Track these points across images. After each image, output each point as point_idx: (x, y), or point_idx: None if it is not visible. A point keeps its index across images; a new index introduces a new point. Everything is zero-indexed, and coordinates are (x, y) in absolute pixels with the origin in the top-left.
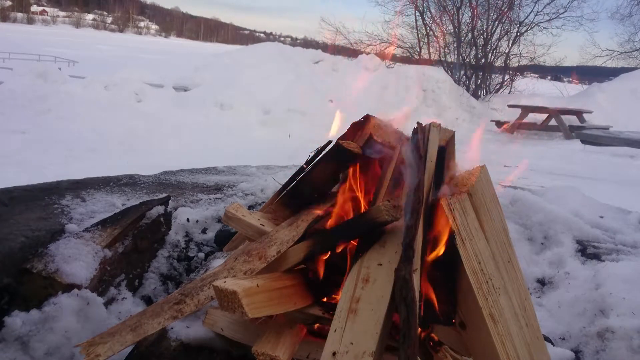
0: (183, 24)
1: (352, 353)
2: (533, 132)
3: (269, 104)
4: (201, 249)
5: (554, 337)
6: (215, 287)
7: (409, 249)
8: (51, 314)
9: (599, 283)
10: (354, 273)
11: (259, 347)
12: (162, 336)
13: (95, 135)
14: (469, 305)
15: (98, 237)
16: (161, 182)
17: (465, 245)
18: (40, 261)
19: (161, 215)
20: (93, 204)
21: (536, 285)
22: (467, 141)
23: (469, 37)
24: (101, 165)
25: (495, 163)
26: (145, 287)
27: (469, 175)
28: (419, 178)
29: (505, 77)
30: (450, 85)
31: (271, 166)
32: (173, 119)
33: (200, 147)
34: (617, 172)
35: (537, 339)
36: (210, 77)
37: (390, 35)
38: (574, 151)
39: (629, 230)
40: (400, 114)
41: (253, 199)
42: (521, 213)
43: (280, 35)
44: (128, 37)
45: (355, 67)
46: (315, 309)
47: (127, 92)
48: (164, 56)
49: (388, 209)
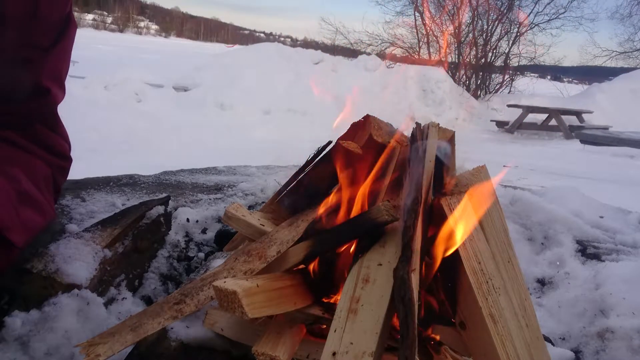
0: (183, 24)
1: (352, 353)
2: (533, 132)
3: (269, 104)
4: (201, 249)
5: (554, 337)
6: (215, 287)
7: (407, 249)
8: (51, 314)
9: (599, 283)
10: (354, 273)
11: (259, 347)
12: (162, 336)
13: (95, 135)
14: (469, 305)
15: (98, 237)
16: (161, 182)
17: (465, 245)
18: (40, 261)
19: (161, 215)
20: (93, 204)
21: (536, 285)
22: (467, 141)
23: (469, 37)
24: (101, 165)
25: (495, 163)
26: (145, 287)
27: (469, 175)
28: (418, 178)
29: (505, 77)
30: (450, 85)
31: (271, 166)
32: (173, 119)
33: (200, 147)
34: (617, 172)
35: (537, 339)
36: (210, 77)
37: (391, 35)
38: (574, 151)
39: (629, 230)
40: (405, 118)
41: (253, 199)
42: (521, 213)
43: (280, 36)
44: (128, 37)
45: (355, 67)
46: (315, 309)
47: (127, 92)
48: (164, 56)
49: (388, 209)
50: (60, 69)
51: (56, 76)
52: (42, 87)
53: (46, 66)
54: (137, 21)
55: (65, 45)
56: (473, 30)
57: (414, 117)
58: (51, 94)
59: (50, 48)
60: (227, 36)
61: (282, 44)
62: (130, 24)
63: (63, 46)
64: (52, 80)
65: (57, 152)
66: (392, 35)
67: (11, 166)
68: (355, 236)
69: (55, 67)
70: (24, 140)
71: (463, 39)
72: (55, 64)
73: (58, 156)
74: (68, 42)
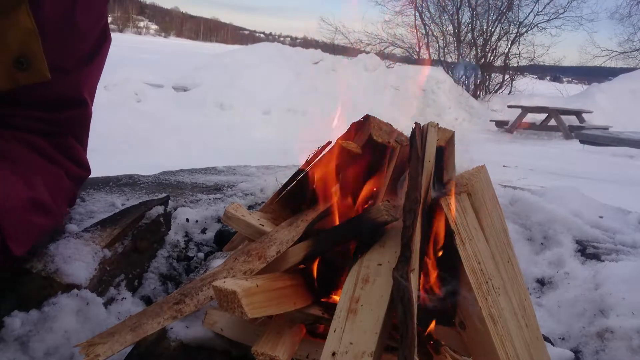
0: (183, 24)
1: (351, 353)
2: (532, 132)
3: (269, 104)
4: (201, 249)
5: (554, 337)
6: (214, 287)
7: (406, 249)
8: (51, 314)
9: (599, 283)
10: (354, 273)
11: (259, 347)
12: (162, 336)
13: (95, 135)
14: (468, 305)
15: (97, 237)
16: (161, 182)
17: (465, 245)
18: (39, 261)
19: (161, 215)
20: (92, 204)
21: (536, 285)
22: (467, 141)
23: (469, 38)
24: (101, 165)
25: (495, 163)
26: (145, 287)
27: (468, 175)
28: (417, 178)
29: (505, 77)
30: (449, 86)
31: (271, 166)
32: (173, 119)
33: (200, 147)
34: (617, 172)
35: (537, 339)
36: (210, 77)
37: (390, 35)
38: (574, 151)
39: (629, 230)
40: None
41: (253, 199)
42: (521, 213)
43: (280, 35)
44: (128, 37)
45: (355, 67)
46: (315, 309)
47: (126, 92)
48: (164, 56)
49: (388, 209)
50: (95, 83)
51: (92, 90)
52: (82, 98)
53: (86, 79)
54: (136, 21)
55: (102, 60)
56: (472, 30)
57: (414, 117)
58: (88, 106)
59: (89, 60)
60: (226, 36)
61: (281, 44)
62: (129, 24)
63: (100, 60)
64: (89, 94)
65: (80, 164)
66: (391, 35)
67: (33, 174)
68: (355, 236)
69: (92, 81)
70: (52, 149)
71: (463, 39)
72: (93, 77)
73: (80, 167)
74: (103, 57)
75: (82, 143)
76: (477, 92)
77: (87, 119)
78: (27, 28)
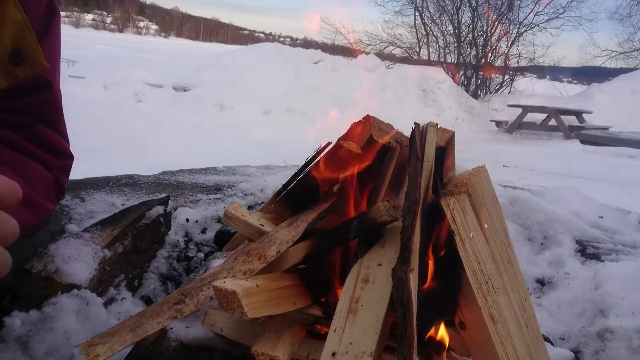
0: (183, 24)
1: (351, 353)
2: (532, 132)
3: (269, 104)
4: (201, 249)
5: (554, 337)
6: (214, 287)
7: (405, 249)
8: (51, 314)
9: (599, 283)
10: (354, 273)
11: (259, 347)
12: (162, 336)
13: (95, 135)
14: (468, 305)
15: (98, 237)
16: (161, 182)
17: (464, 245)
18: (39, 261)
19: (161, 215)
20: (92, 204)
21: (536, 285)
22: (467, 141)
23: (469, 38)
24: (101, 165)
25: (495, 163)
26: (145, 287)
27: (468, 176)
28: (416, 178)
29: (505, 77)
30: (449, 86)
31: (271, 166)
32: (173, 119)
33: (200, 147)
34: (617, 172)
35: (537, 339)
36: (210, 77)
37: (390, 35)
38: (574, 151)
39: (629, 231)
40: None
41: (253, 199)
42: (521, 213)
43: (280, 36)
44: (128, 37)
45: (354, 67)
46: (315, 309)
47: (127, 92)
48: (164, 56)
49: (388, 209)
50: (55, 61)
51: (54, 69)
52: (44, 80)
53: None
54: (136, 21)
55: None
56: (473, 30)
57: (414, 117)
58: (53, 87)
59: (44, 37)
60: (227, 36)
61: (281, 44)
62: (129, 24)
63: (54, 35)
64: (51, 73)
65: (58, 152)
66: (391, 35)
67: (8, 169)
68: (355, 236)
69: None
70: (24, 141)
71: (463, 39)
72: (51, 55)
73: (59, 156)
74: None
75: (56, 129)
76: (477, 92)
77: (56, 101)
78: (17, 20)
